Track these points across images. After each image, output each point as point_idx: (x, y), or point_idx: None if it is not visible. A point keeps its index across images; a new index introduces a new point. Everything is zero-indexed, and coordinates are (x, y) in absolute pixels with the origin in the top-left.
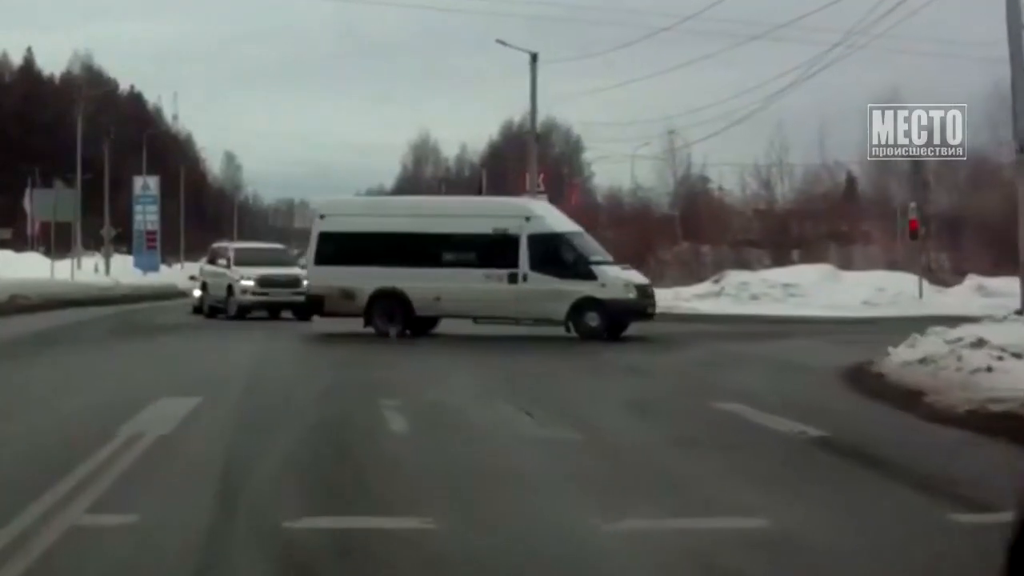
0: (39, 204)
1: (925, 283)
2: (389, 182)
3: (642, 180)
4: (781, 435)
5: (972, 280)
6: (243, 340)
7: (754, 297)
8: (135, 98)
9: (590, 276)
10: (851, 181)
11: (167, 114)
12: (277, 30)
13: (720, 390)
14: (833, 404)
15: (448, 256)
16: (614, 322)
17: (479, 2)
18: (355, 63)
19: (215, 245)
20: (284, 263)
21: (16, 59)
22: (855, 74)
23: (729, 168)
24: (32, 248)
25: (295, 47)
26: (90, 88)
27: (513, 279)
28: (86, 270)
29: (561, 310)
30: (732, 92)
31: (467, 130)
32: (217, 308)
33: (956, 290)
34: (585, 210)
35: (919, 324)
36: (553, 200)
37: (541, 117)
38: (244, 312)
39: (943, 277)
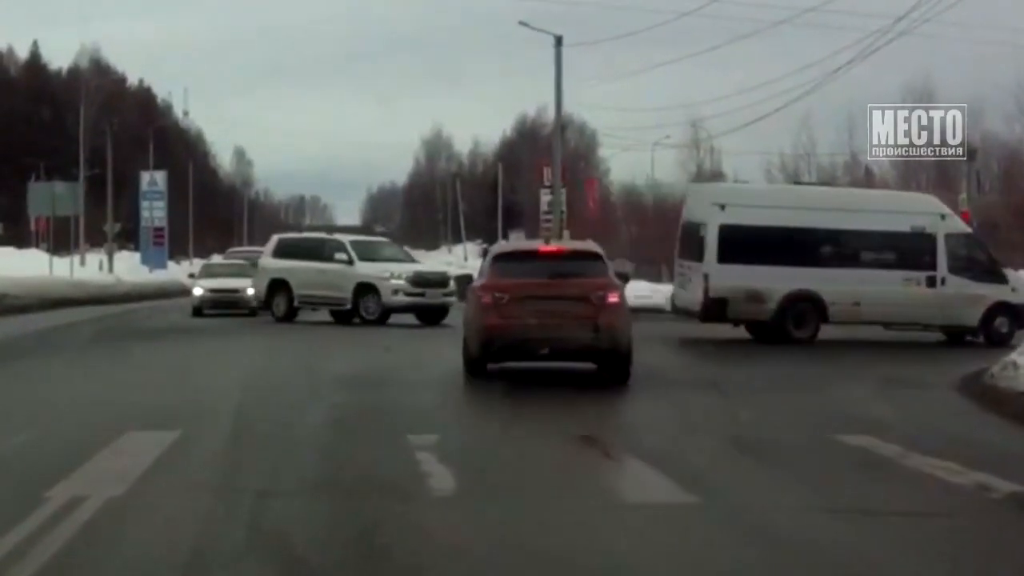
0: (36, 199)
1: None
2: (401, 178)
3: (656, 174)
4: (958, 491)
5: (1012, 275)
6: (246, 349)
7: None
8: (144, 93)
9: (1001, 279)
10: (869, 175)
11: (177, 110)
12: (288, 26)
13: (834, 415)
14: (991, 438)
15: (866, 256)
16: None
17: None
18: (367, 59)
19: (287, 236)
20: (403, 259)
21: (22, 53)
22: (884, 65)
23: (752, 160)
24: (35, 245)
25: (305, 43)
26: (97, 79)
27: (931, 282)
28: (91, 267)
29: (975, 316)
30: (756, 82)
31: (480, 125)
32: (286, 309)
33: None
34: (602, 206)
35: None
36: (571, 196)
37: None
38: (388, 315)
39: None
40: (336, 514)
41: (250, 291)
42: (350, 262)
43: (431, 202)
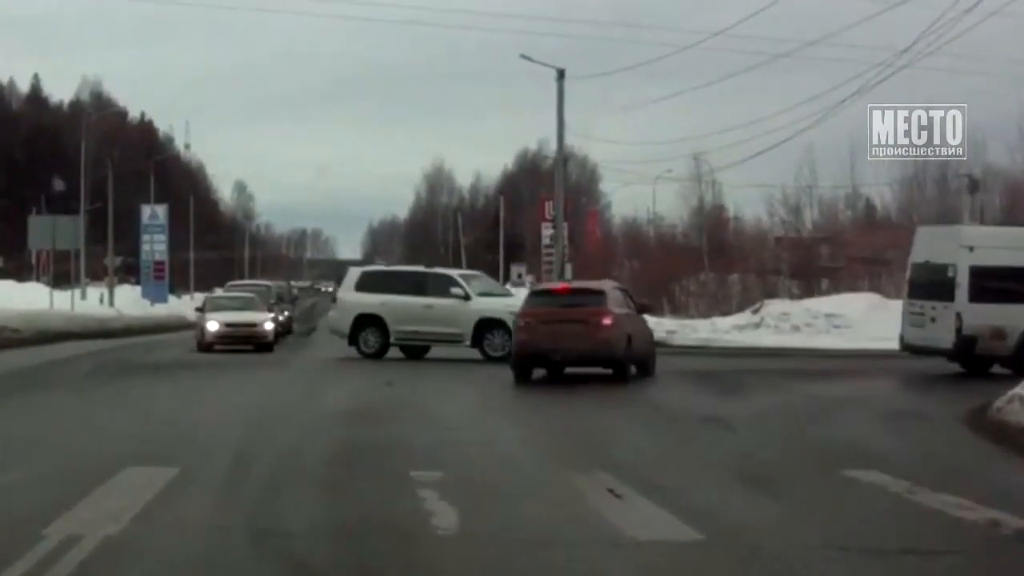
0: (37, 232)
1: None
2: (402, 211)
3: (657, 208)
4: (969, 528)
5: None
6: (246, 384)
7: (796, 328)
8: (145, 126)
9: None
10: (870, 208)
11: (178, 143)
12: (290, 59)
13: (840, 451)
14: (998, 473)
15: None
16: None
17: (495, 32)
18: (369, 92)
19: (372, 270)
20: (505, 293)
21: (23, 86)
22: (886, 98)
23: (754, 193)
24: (36, 278)
25: (308, 76)
26: (98, 112)
27: None
28: (91, 301)
29: None
30: (757, 116)
31: (481, 159)
32: (380, 345)
33: None
34: (604, 240)
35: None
36: (572, 230)
37: (556, 145)
38: None
39: None
40: (338, 554)
41: (268, 325)
42: (467, 297)
43: (432, 235)
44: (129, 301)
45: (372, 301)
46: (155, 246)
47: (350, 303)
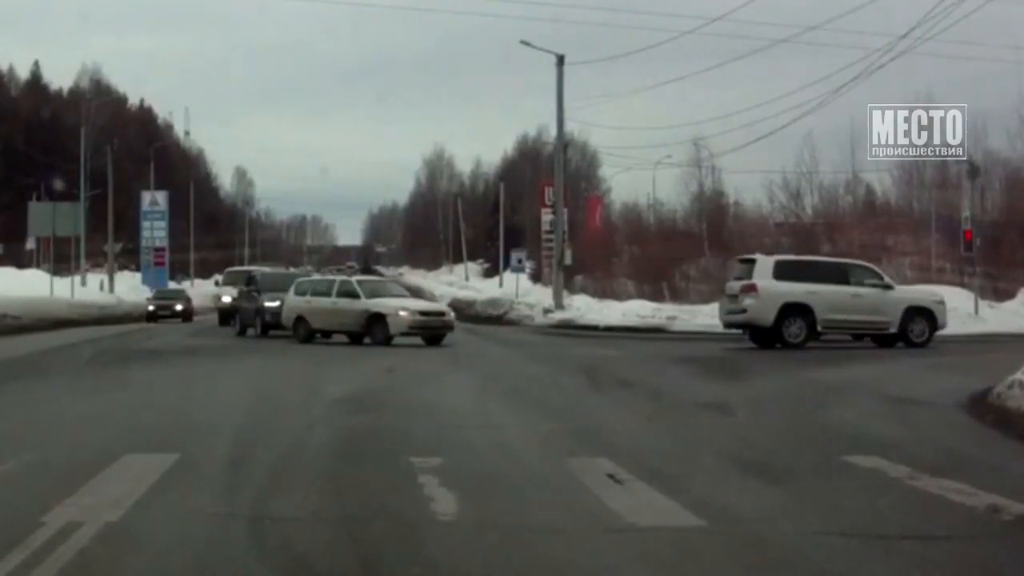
0: (37, 218)
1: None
2: (402, 198)
3: (657, 193)
4: (969, 513)
5: None
6: (247, 370)
7: None
8: (145, 113)
9: None
10: (871, 194)
11: (178, 130)
12: (290, 46)
13: (841, 436)
14: (999, 459)
15: None
16: None
17: (493, 19)
18: (369, 78)
19: (788, 258)
20: None
21: (23, 73)
22: (885, 84)
23: (754, 179)
24: (36, 265)
25: (308, 63)
26: (97, 98)
27: None
28: (92, 288)
29: None
30: (757, 101)
31: (481, 145)
32: (807, 335)
33: (1009, 305)
34: (604, 225)
35: (991, 343)
36: (573, 215)
37: (556, 130)
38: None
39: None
40: (337, 540)
41: (452, 315)
42: (890, 287)
43: (432, 222)
44: (130, 288)
45: (798, 290)
46: (155, 232)
47: (774, 292)
